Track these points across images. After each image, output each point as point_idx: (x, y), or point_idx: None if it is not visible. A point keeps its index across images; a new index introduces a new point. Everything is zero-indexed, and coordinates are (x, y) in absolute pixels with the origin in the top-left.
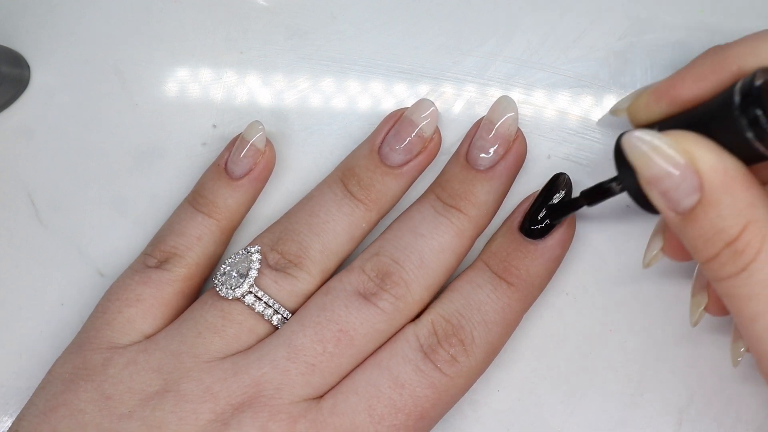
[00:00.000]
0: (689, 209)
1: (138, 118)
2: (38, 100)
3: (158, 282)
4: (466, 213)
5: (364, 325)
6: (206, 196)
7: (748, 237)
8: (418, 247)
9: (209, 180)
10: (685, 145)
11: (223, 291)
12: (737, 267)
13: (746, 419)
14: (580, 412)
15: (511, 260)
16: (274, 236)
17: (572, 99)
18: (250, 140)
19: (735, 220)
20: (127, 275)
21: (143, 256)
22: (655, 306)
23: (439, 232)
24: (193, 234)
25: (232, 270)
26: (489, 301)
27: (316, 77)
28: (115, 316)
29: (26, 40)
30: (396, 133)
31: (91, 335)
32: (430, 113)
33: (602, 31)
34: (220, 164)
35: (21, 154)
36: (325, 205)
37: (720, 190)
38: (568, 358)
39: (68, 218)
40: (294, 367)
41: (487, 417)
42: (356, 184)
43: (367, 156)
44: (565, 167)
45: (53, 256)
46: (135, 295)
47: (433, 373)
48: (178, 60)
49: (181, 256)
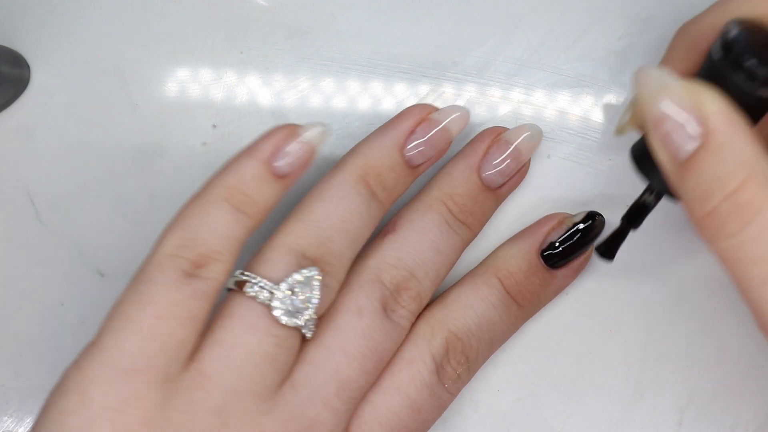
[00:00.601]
0: (689, 156)
1: (138, 118)
2: (38, 100)
3: (207, 295)
4: (473, 230)
5: (393, 346)
6: (248, 195)
7: (749, 190)
8: (436, 265)
9: (249, 175)
10: (693, 88)
11: (284, 319)
12: (739, 224)
13: (746, 419)
14: (580, 412)
15: (527, 284)
16: (306, 241)
17: (572, 99)
18: (308, 138)
19: (736, 169)
20: (165, 284)
21: (172, 257)
22: (655, 306)
23: (455, 249)
24: (233, 237)
25: (295, 296)
26: (500, 322)
27: (316, 77)
28: (168, 340)
29: (26, 40)
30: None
31: (140, 362)
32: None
33: (602, 31)
34: (260, 158)
35: (21, 154)
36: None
37: (723, 137)
38: (568, 358)
39: (68, 218)
40: (341, 405)
41: (487, 417)
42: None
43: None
44: (565, 167)
45: (53, 256)
46: (188, 312)
47: (441, 392)
48: (178, 60)
49: (222, 262)
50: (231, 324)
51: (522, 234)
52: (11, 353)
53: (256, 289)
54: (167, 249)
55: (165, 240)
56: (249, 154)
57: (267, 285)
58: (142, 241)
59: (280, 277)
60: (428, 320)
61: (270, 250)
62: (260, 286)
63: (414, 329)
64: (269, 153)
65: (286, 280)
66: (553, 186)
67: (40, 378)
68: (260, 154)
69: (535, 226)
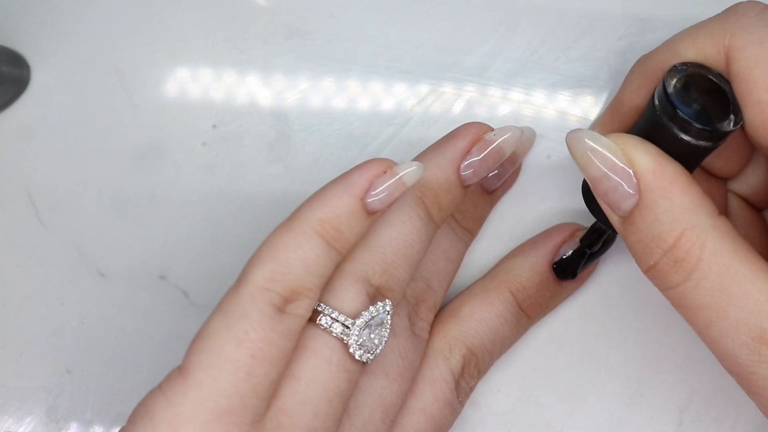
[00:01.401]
0: (629, 212)
1: (138, 118)
2: (38, 100)
3: (295, 333)
4: (474, 234)
5: (419, 360)
6: (341, 230)
7: (686, 244)
8: (449, 273)
9: (345, 213)
10: (624, 146)
11: (358, 354)
12: (680, 276)
13: (746, 419)
14: (580, 412)
15: (538, 297)
16: (372, 268)
17: (572, 99)
18: (405, 177)
19: (671, 225)
20: (260, 321)
21: (263, 291)
22: (655, 306)
23: (461, 255)
24: (323, 273)
25: (370, 331)
26: (510, 335)
27: (316, 77)
28: (262, 381)
29: (26, 40)
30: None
31: (234, 403)
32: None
33: (602, 31)
34: (355, 193)
35: (21, 154)
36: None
37: (656, 193)
38: (568, 358)
39: (68, 218)
40: (384, 428)
41: (487, 417)
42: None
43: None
44: (565, 167)
45: (53, 256)
46: (280, 352)
47: (457, 406)
48: (178, 60)
49: (311, 298)
50: (306, 358)
51: (533, 246)
52: (11, 353)
53: (329, 321)
54: (258, 281)
55: (255, 270)
56: (343, 187)
57: (340, 318)
58: (142, 241)
59: (352, 310)
60: (445, 336)
61: (337, 279)
62: (332, 317)
63: (431, 345)
64: (364, 188)
65: (361, 315)
66: (552, 187)
67: (40, 378)
68: (355, 190)
69: (547, 238)
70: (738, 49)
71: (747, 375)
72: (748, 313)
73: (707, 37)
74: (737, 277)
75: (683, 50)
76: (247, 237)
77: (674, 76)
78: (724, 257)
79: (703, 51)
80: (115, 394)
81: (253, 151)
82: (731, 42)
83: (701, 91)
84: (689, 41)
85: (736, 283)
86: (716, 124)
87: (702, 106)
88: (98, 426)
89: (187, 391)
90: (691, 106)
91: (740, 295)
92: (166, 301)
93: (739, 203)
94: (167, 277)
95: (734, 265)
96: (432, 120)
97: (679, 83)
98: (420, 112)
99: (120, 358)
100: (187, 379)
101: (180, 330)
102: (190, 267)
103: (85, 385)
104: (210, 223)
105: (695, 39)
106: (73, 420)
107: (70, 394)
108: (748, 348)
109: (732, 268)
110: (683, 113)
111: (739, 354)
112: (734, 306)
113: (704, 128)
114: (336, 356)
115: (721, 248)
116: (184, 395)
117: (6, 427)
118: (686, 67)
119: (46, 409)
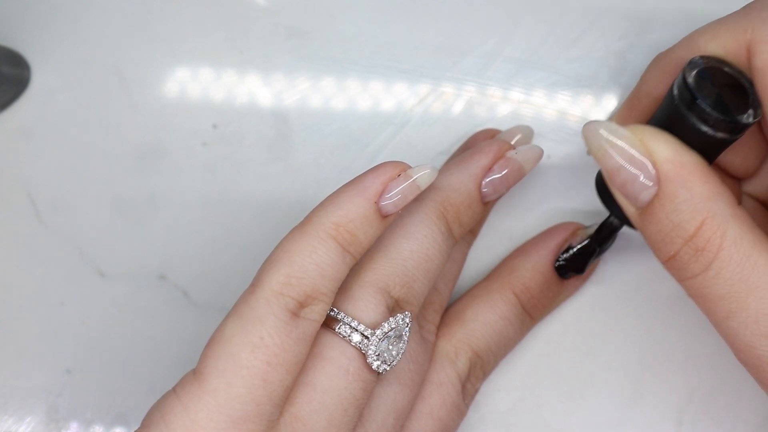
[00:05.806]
0: (647, 203)
1: (138, 118)
2: (38, 100)
3: (310, 338)
4: (476, 234)
5: (428, 363)
6: (355, 234)
7: (707, 233)
8: (454, 274)
9: (359, 216)
10: (642, 137)
11: (375, 364)
12: (700, 265)
13: (746, 419)
14: (580, 412)
15: (541, 298)
16: (393, 280)
17: (572, 99)
18: (419, 179)
19: (692, 214)
20: (275, 326)
21: (278, 295)
22: (655, 306)
23: (464, 256)
24: (337, 278)
25: (389, 342)
26: (514, 337)
27: (316, 77)
28: (277, 387)
29: (26, 40)
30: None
31: (249, 409)
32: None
33: (602, 31)
34: (369, 196)
35: (21, 154)
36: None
37: (676, 183)
38: (568, 358)
39: (68, 218)
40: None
41: (487, 417)
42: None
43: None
44: (565, 167)
45: (53, 256)
46: (295, 358)
47: (463, 408)
48: (178, 60)
49: (325, 303)
50: (323, 366)
51: (535, 245)
52: (11, 353)
53: (348, 329)
54: (274, 285)
55: (270, 274)
56: (357, 190)
57: (359, 327)
58: (142, 241)
59: (371, 320)
60: (450, 339)
61: (357, 288)
62: (352, 326)
63: (437, 348)
64: (378, 192)
65: (381, 326)
66: (552, 186)
67: (40, 378)
68: (369, 193)
69: (548, 237)
70: (760, 43)
71: (765, 367)
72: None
73: (728, 31)
74: (757, 266)
75: (704, 44)
76: (247, 237)
77: (694, 68)
78: (745, 246)
79: (724, 45)
80: (115, 394)
81: (253, 151)
82: (753, 36)
83: (720, 84)
84: (710, 35)
85: (756, 273)
86: (735, 116)
87: (721, 98)
88: (98, 426)
89: (203, 396)
90: (710, 97)
91: (760, 285)
92: (166, 301)
93: (753, 205)
94: (167, 277)
95: (754, 254)
96: (432, 120)
97: (699, 75)
98: (420, 112)
99: (120, 358)
100: (202, 385)
101: (180, 330)
102: (190, 267)
103: (85, 385)
104: (210, 223)
105: (716, 33)
106: (73, 420)
107: (70, 394)
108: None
109: (752, 258)
110: (700, 105)
111: (759, 345)
112: (754, 296)
113: (723, 118)
114: (353, 366)
115: (741, 237)
116: (200, 401)
117: (6, 426)
118: (706, 60)
119: (46, 409)
